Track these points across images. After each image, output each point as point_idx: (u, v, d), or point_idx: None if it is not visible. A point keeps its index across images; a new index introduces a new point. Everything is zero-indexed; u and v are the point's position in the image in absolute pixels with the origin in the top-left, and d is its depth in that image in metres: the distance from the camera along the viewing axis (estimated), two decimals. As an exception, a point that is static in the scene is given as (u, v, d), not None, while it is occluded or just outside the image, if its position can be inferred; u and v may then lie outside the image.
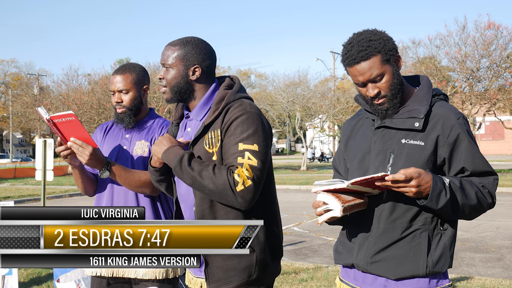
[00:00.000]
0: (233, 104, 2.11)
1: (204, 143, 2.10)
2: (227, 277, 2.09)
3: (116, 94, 2.67)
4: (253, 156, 2.01)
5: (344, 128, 2.21)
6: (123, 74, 2.68)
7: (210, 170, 1.99)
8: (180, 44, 2.19)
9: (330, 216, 1.85)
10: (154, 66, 28.87)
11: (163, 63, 2.19)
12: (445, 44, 21.64)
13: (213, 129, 2.10)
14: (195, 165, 2.02)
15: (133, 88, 2.68)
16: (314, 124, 32.40)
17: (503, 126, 24.04)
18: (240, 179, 1.96)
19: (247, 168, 1.98)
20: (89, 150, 2.44)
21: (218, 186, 1.96)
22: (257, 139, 2.04)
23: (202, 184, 1.99)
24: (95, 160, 2.47)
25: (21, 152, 72.10)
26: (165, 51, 2.20)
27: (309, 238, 8.67)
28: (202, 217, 2.08)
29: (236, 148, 2.02)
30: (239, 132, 2.03)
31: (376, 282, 1.95)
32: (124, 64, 2.76)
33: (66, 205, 6.12)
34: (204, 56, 2.19)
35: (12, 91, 50.27)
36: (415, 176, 1.75)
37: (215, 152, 2.07)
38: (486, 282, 5.58)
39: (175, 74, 2.17)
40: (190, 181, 2.02)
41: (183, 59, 2.16)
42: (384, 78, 1.91)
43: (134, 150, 2.70)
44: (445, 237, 1.92)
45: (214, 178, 1.97)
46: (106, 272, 2.66)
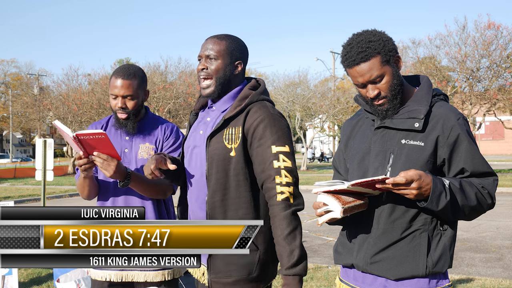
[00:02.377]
0: (256, 105, 2.14)
1: (224, 138, 2.13)
2: (227, 271, 2.11)
3: (120, 99, 2.59)
4: (286, 157, 2.07)
5: (344, 128, 2.21)
6: (129, 80, 2.58)
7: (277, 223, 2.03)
8: (226, 38, 2.21)
9: (330, 217, 1.85)
10: (154, 66, 28.88)
11: (208, 54, 2.18)
12: (445, 44, 21.65)
13: (234, 126, 2.13)
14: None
15: (138, 94, 2.61)
16: (314, 124, 32.39)
17: (503, 126, 24.04)
18: (285, 196, 2.03)
19: (285, 174, 2.04)
20: (114, 164, 2.41)
21: (288, 220, 2.01)
22: (285, 141, 2.10)
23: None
24: (118, 173, 2.45)
25: (21, 152, 72.08)
26: (209, 43, 2.20)
27: (309, 238, 8.67)
28: (213, 209, 2.11)
29: (269, 152, 2.06)
30: (269, 135, 2.08)
31: (376, 282, 1.95)
32: (127, 66, 2.66)
33: (66, 205, 6.11)
34: (245, 53, 2.26)
35: (12, 91, 50.26)
36: (416, 178, 1.75)
37: (234, 148, 2.10)
38: (486, 282, 5.58)
39: (222, 65, 2.18)
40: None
41: (230, 53, 2.20)
42: (384, 79, 1.91)
43: (139, 154, 2.66)
44: (445, 238, 1.92)
45: (286, 220, 2.02)
46: (116, 277, 2.61)
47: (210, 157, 2.14)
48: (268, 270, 2.16)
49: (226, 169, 2.11)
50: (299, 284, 1.98)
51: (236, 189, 2.10)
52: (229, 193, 2.10)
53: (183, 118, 26.86)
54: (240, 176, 2.11)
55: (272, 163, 2.05)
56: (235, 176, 2.10)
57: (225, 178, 2.11)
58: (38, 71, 52.71)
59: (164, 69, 28.82)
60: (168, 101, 25.88)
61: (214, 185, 2.11)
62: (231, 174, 2.11)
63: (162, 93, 25.53)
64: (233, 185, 2.11)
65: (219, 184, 2.11)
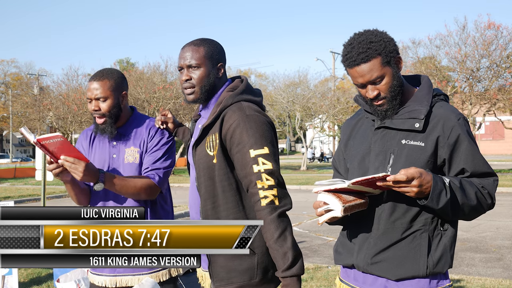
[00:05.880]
0: (231, 108, 2.11)
1: (206, 146, 2.12)
2: (229, 277, 2.11)
3: (93, 102, 2.56)
4: (266, 160, 2.02)
5: (344, 127, 2.21)
6: (100, 81, 2.56)
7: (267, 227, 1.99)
8: (203, 43, 2.18)
9: (331, 216, 1.85)
10: (154, 66, 28.91)
11: (189, 64, 2.15)
12: (445, 44, 21.65)
13: (213, 133, 2.12)
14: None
15: (111, 95, 2.56)
16: (314, 124, 32.38)
17: (503, 126, 24.04)
18: (268, 200, 1.98)
19: (266, 177, 2.00)
20: (82, 166, 2.37)
21: (272, 220, 1.97)
22: (264, 142, 2.04)
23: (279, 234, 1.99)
24: (89, 175, 2.40)
25: (21, 152, 72.07)
26: (187, 52, 2.17)
27: (309, 238, 8.67)
28: (206, 217, 2.12)
29: (248, 157, 2.02)
30: (246, 139, 2.03)
31: (377, 282, 1.95)
32: (101, 69, 2.64)
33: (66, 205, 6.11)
34: (223, 54, 2.24)
35: (12, 91, 50.23)
36: (417, 176, 1.75)
37: (215, 155, 2.09)
38: (486, 282, 5.58)
39: (205, 72, 2.16)
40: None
41: (210, 57, 2.17)
42: (384, 80, 1.91)
43: (125, 159, 2.62)
44: (445, 238, 1.92)
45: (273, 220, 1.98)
46: (110, 282, 2.61)
47: (197, 166, 2.15)
48: (272, 273, 2.14)
49: (211, 176, 2.11)
50: (297, 284, 1.96)
51: (223, 195, 2.09)
52: (218, 200, 2.10)
53: (183, 118, 26.85)
54: (224, 182, 2.09)
55: (252, 168, 2.01)
56: (220, 182, 2.10)
57: (212, 186, 2.11)
58: (38, 71, 52.80)
59: (164, 69, 28.85)
60: (168, 101, 25.88)
61: (204, 194, 2.13)
62: (216, 180, 2.10)
63: (162, 93, 25.53)
64: (219, 192, 2.10)
65: (208, 192, 2.12)
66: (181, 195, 14.83)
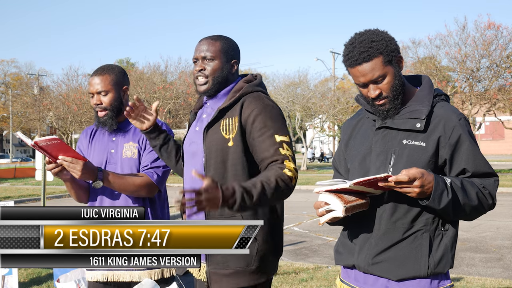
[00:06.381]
0: (251, 95, 2.18)
1: (221, 129, 2.16)
2: (225, 261, 2.11)
3: (95, 96, 2.63)
4: (288, 147, 2.12)
5: (344, 127, 2.20)
6: (101, 75, 2.63)
7: (273, 182, 2.00)
8: (220, 39, 2.26)
9: (332, 217, 1.85)
10: (154, 66, 28.93)
11: (204, 55, 2.22)
12: (445, 44, 21.66)
13: (230, 116, 2.16)
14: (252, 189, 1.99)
15: (112, 89, 2.63)
16: (314, 124, 32.38)
17: (503, 126, 24.04)
18: (291, 174, 2.05)
19: (292, 161, 2.09)
20: (80, 164, 2.45)
21: (283, 191, 2.03)
22: (286, 131, 2.16)
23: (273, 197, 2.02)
24: (87, 174, 2.47)
25: (21, 152, 72.07)
26: (204, 45, 2.23)
27: (309, 238, 8.67)
28: None
29: (274, 140, 2.09)
30: (270, 124, 2.11)
31: (378, 283, 1.95)
32: (103, 65, 2.71)
33: (66, 205, 6.11)
34: (238, 53, 2.32)
35: (12, 91, 50.23)
36: (418, 176, 1.75)
37: (232, 138, 2.13)
38: (486, 282, 5.58)
39: (219, 65, 2.22)
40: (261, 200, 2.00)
41: (225, 52, 2.24)
42: (386, 80, 1.91)
43: (123, 153, 2.67)
44: (446, 238, 1.92)
45: (279, 188, 2.01)
46: (102, 277, 2.64)
47: (207, 149, 2.16)
48: (268, 263, 2.15)
49: (224, 159, 2.13)
50: (219, 198, 1.85)
51: (234, 178, 2.11)
52: (226, 183, 2.09)
53: (183, 118, 26.87)
54: (237, 165, 2.12)
55: (279, 150, 2.09)
56: (233, 166, 2.13)
57: (223, 168, 2.13)
58: (38, 71, 52.78)
59: (164, 69, 28.88)
60: (168, 101, 25.90)
61: (212, 176, 2.12)
62: (229, 164, 2.13)
63: (162, 93, 25.54)
64: (230, 175, 2.12)
65: (217, 175, 2.13)
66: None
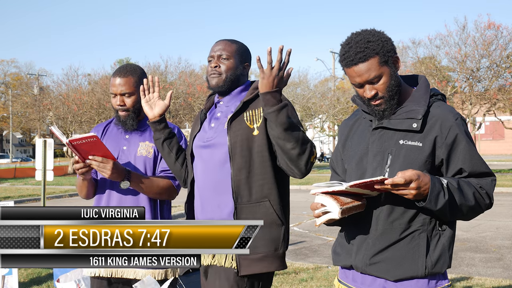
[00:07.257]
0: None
1: (245, 119, 2.27)
2: (255, 246, 2.14)
3: (118, 97, 2.67)
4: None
5: (341, 128, 2.21)
6: (125, 77, 2.67)
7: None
8: (236, 42, 2.42)
9: (328, 218, 1.85)
10: (154, 66, 28.88)
11: (220, 54, 2.35)
12: (445, 44, 21.65)
13: (253, 108, 2.30)
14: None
15: (135, 91, 2.67)
16: (314, 124, 32.39)
17: (503, 126, 24.03)
18: (315, 152, 2.22)
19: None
20: (110, 164, 2.49)
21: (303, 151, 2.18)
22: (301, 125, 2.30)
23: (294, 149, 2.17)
24: (116, 173, 2.52)
25: (21, 152, 72.05)
26: (220, 45, 2.38)
27: (309, 238, 8.67)
28: (238, 186, 2.22)
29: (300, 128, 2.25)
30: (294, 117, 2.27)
31: (375, 283, 1.95)
32: (125, 65, 2.75)
33: (66, 205, 6.11)
34: (250, 57, 2.46)
35: (12, 91, 50.16)
36: (414, 178, 1.75)
37: (257, 127, 2.26)
38: (486, 282, 5.58)
39: (233, 65, 2.36)
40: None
41: (240, 54, 2.39)
42: (382, 80, 1.91)
43: (138, 151, 2.70)
44: (443, 238, 1.92)
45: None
46: (105, 272, 2.65)
47: (232, 138, 2.25)
48: (284, 253, 2.23)
49: (249, 147, 2.24)
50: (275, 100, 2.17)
51: (261, 165, 2.22)
52: (253, 170, 2.22)
53: (183, 118, 26.86)
54: (264, 152, 2.23)
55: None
56: (259, 153, 2.23)
57: (249, 156, 2.23)
58: (38, 71, 52.71)
59: (164, 69, 28.83)
60: (168, 101, 25.82)
61: (238, 164, 2.22)
62: (254, 151, 2.23)
63: (162, 93, 25.47)
64: (257, 162, 2.23)
65: (243, 162, 2.23)
66: (181, 195, 14.81)
